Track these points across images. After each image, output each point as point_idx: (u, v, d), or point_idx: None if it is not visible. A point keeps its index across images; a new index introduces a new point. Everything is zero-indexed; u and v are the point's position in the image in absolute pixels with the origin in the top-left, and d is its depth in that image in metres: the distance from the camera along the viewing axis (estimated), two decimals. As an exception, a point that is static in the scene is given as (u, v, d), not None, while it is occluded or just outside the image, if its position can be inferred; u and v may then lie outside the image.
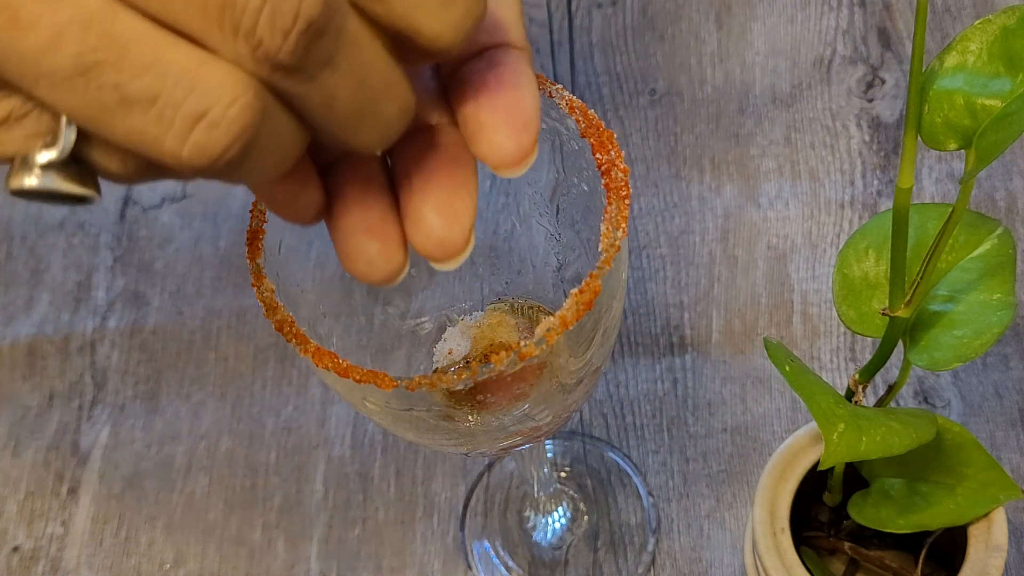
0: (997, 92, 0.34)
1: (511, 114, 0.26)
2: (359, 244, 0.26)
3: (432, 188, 0.26)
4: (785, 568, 0.41)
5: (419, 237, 0.26)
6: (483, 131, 0.26)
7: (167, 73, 0.20)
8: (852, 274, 0.40)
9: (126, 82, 0.20)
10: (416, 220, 0.26)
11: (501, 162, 0.26)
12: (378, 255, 0.26)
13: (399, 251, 0.26)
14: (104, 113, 0.21)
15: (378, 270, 0.26)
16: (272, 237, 0.32)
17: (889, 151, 0.63)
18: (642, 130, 0.66)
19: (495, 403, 0.33)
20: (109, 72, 0.20)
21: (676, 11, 0.70)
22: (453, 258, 0.26)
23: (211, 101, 0.21)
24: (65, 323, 0.64)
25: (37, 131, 0.22)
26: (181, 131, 0.21)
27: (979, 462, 0.41)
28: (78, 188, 0.22)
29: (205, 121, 0.21)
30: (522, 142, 0.26)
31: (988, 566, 0.40)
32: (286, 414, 0.59)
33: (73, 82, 0.20)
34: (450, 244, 0.26)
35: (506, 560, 0.55)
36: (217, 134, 0.21)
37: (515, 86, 0.26)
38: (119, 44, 0.20)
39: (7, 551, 0.57)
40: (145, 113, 0.21)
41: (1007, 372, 0.56)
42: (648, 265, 0.61)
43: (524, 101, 0.26)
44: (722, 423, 0.56)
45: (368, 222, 0.26)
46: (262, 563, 0.55)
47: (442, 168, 0.27)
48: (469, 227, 0.26)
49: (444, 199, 0.26)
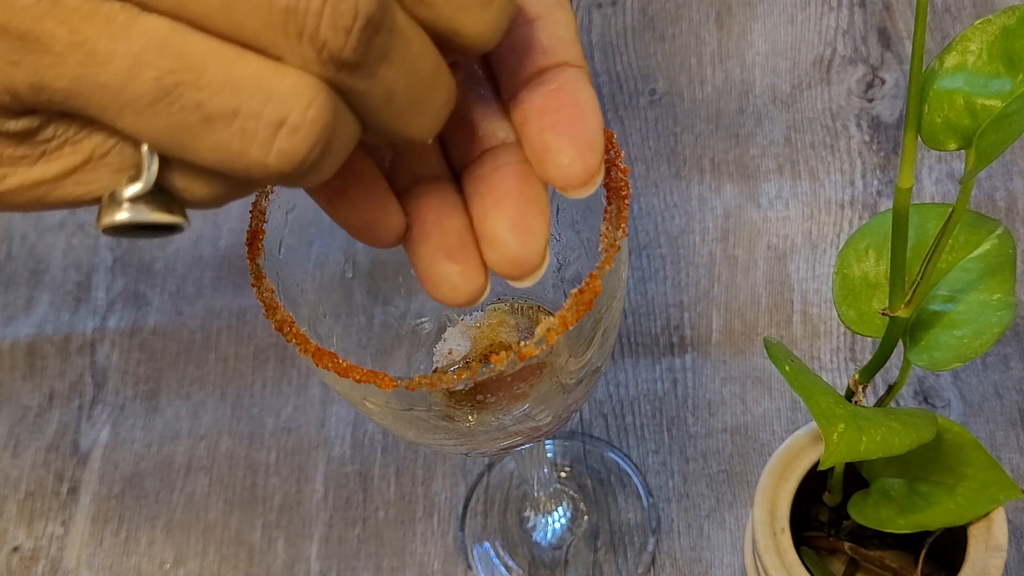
0: (997, 92, 0.34)
1: (575, 134, 0.26)
2: (441, 269, 0.27)
3: (505, 207, 0.27)
4: (785, 568, 0.41)
5: (495, 256, 0.26)
6: (549, 153, 0.26)
7: (243, 86, 0.21)
8: (852, 274, 0.40)
9: (206, 100, 0.21)
10: (491, 240, 0.27)
11: (569, 183, 0.26)
12: (460, 279, 0.27)
13: (480, 273, 0.27)
14: (188, 134, 0.21)
15: (461, 294, 0.27)
16: (272, 237, 0.32)
17: (889, 151, 0.63)
18: (642, 130, 0.66)
19: (495, 403, 0.33)
20: (189, 92, 0.21)
21: (676, 11, 0.70)
22: (530, 275, 0.27)
23: (289, 107, 0.21)
24: (65, 323, 0.64)
25: (121, 166, 0.22)
26: (265, 141, 0.21)
27: (979, 462, 0.41)
28: (167, 216, 0.23)
29: (286, 127, 0.21)
30: (589, 162, 0.26)
31: (988, 566, 0.40)
32: (286, 414, 0.59)
33: (156, 107, 0.21)
34: (526, 262, 0.26)
35: (506, 560, 0.55)
36: (299, 138, 0.21)
37: (577, 105, 0.26)
38: (194, 64, 0.21)
39: (7, 551, 0.57)
40: (228, 128, 0.21)
41: (1007, 372, 0.56)
42: (648, 265, 0.61)
43: (587, 120, 0.26)
44: (722, 423, 0.56)
45: (448, 246, 0.27)
46: (262, 563, 0.55)
47: (512, 187, 0.27)
48: (544, 243, 0.27)
49: (517, 217, 0.27)
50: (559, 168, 0.26)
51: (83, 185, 0.23)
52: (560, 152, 0.26)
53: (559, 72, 0.27)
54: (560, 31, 0.28)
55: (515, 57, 0.27)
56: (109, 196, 0.23)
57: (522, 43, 0.27)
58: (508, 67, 0.28)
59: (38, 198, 0.23)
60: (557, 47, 0.27)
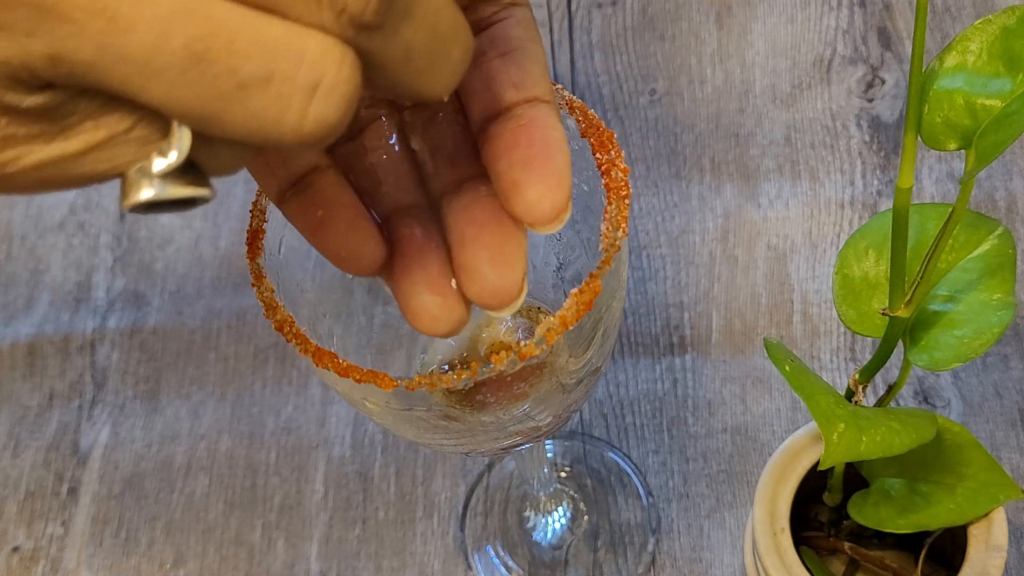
0: (997, 92, 0.34)
1: (543, 171, 0.26)
2: (422, 301, 0.27)
3: (482, 239, 0.27)
4: (785, 568, 0.41)
5: (474, 288, 0.27)
6: (517, 189, 0.26)
7: (275, 49, 0.20)
8: (852, 274, 0.40)
9: (239, 65, 0.20)
10: (469, 272, 0.27)
11: (537, 220, 0.26)
12: (441, 311, 0.27)
13: (460, 304, 0.27)
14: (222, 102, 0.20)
15: (442, 324, 0.27)
16: (272, 237, 0.32)
17: (889, 151, 0.63)
18: (642, 130, 0.66)
19: (495, 403, 0.33)
20: (221, 57, 0.20)
21: (676, 11, 0.70)
22: (507, 306, 0.27)
23: (322, 68, 0.20)
24: (65, 323, 0.64)
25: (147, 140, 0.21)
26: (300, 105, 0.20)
27: (979, 462, 0.41)
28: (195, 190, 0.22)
29: (321, 90, 0.20)
30: (556, 199, 0.26)
31: (988, 566, 0.40)
32: (286, 414, 0.59)
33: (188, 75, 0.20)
34: (504, 293, 0.27)
35: (506, 560, 0.55)
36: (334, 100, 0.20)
37: (546, 142, 0.27)
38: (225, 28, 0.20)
39: (7, 551, 0.57)
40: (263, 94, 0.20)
41: (1007, 372, 0.56)
42: (648, 265, 0.61)
43: (555, 157, 0.26)
44: (722, 423, 0.56)
45: (429, 279, 0.27)
46: (262, 563, 0.55)
47: (490, 219, 0.27)
48: (522, 275, 0.27)
49: (495, 249, 0.27)
50: (527, 204, 0.26)
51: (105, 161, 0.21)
52: (528, 188, 0.26)
53: (529, 107, 0.27)
54: (530, 66, 0.28)
55: (486, 92, 0.28)
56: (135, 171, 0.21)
57: (493, 77, 0.28)
58: (479, 100, 0.28)
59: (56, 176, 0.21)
60: (527, 83, 0.27)
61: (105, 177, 0.22)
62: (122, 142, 0.21)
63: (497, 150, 0.27)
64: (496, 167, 0.27)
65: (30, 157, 0.21)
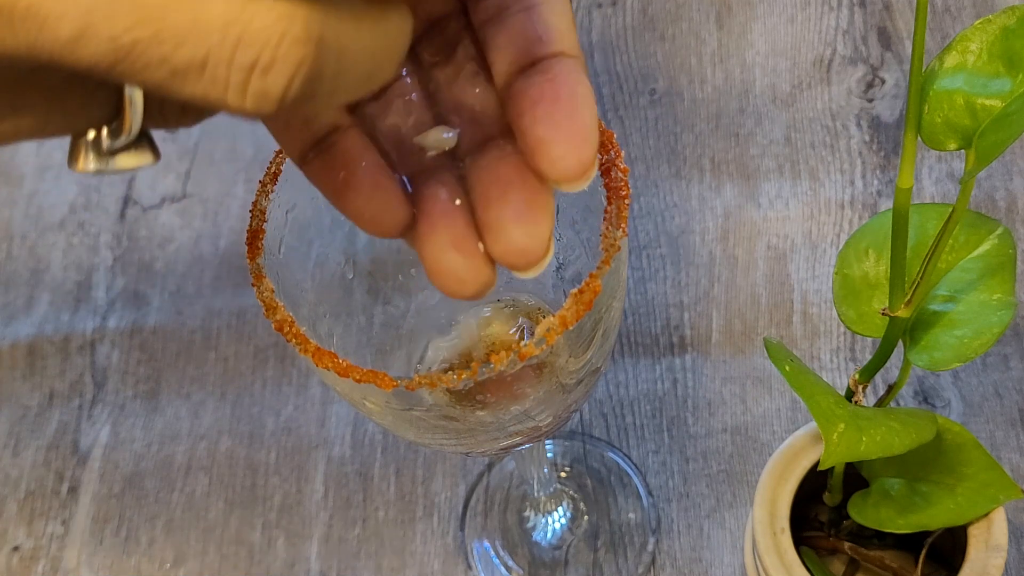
0: (997, 92, 0.34)
1: (570, 128, 0.25)
2: (448, 261, 0.26)
3: (508, 198, 0.26)
4: (785, 568, 0.41)
5: (500, 247, 0.26)
6: (542, 146, 0.25)
7: (209, 31, 0.19)
8: (852, 274, 0.40)
9: (170, 54, 0.19)
10: (495, 231, 0.26)
11: (563, 177, 0.25)
12: (467, 272, 0.26)
13: (486, 266, 0.26)
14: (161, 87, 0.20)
15: (468, 286, 0.26)
16: (272, 237, 0.32)
17: (889, 151, 0.63)
18: (642, 130, 0.66)
19: (495, 403, 0.33)
20: (150, 48, 0.19)
21: (676, 11, 0.70)
22: (535, 265, 0.26)
23: (259, 47, 0.20)
24: (65, 323, 0.64)
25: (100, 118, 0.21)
26: (239, 86, 0.20)
27: (979, 462, 0.41)
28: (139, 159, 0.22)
29: (258, 69, 0.20)
30: (583, 156, 0.25)
31: (988, 566, 0.40)
32: (286, 414, 0.59)
33: (118, 67, 0.19)
34: (531, 252, 0.26)
35: (506, 560, 0.55)
36: (273, 78, 0.20)
37: (572, 98, 0.26)
38: (152, 15, 0.19)
39: (7, 551, 0.57)
40: (199, 79, 0.20)
41: (1007, 372, 0.56)
42: (648, 265, 0.61)
43: (582, 113, 0.26)
44: (722, 423, 0.56)
45: (455, 238, 0.26)
46: (262, 563, 0.55)
47: (515, 177, 0.26)
48: (548, 233, 0.26)
49: (521, 207, 0.26)
50: (552, 162, 0.25)
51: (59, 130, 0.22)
52: (553, 145, 0.25)
53: (554, 62, 0.26)
54: (556, 20, 0.27)
55: (510, 45, 0.27)
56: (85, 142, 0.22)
57: (518, 31, 0.27)
58: (503, 55, 0.27)
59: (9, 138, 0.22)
60: (553, 36, 0.27)
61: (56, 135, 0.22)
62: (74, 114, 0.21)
63: (521, 106, 0.26)
64: (520, 124, 0.26)
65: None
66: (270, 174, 0.32)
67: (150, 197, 0.67)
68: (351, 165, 0.27)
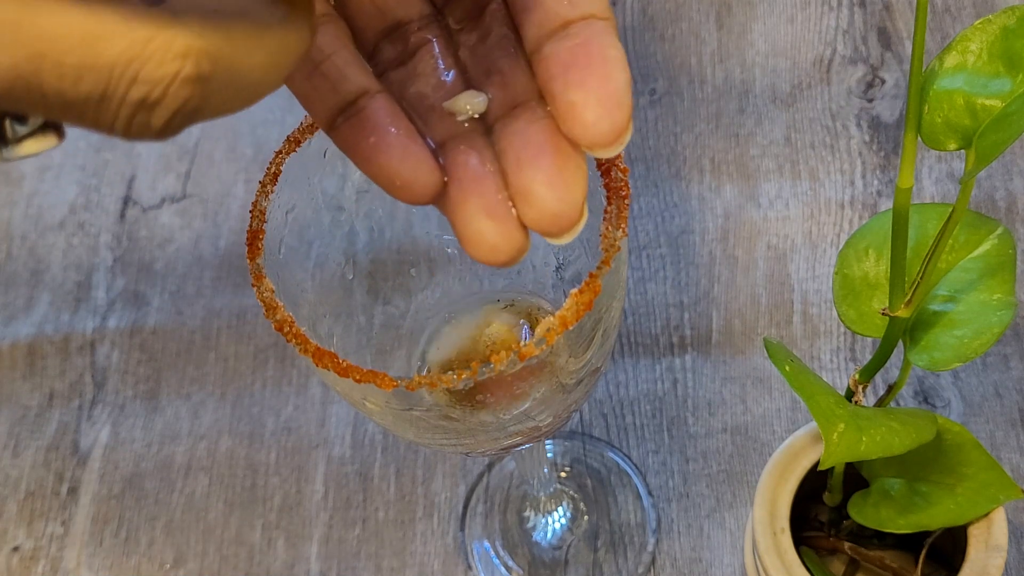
0: (997, 92, 0.34)
1: (602, 92, 0.25)
2: (480, 228, 0.26)
3: (540, 162, 0.26)
4: (785, 568, 0.41)
5: (533, 213, 0.26)
6: (575, 111, 0.25)
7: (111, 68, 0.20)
8: (852, 274, 0.40)
9: (68, 88, 0.20)
10: (527, 196, 0.26)
11: (596, 142, 0.25)
12: (500, 238, 0.26)
13: (519, 231, 0.26)
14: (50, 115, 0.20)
15: (502, 253, 0.26)
16: (272, 237, 0.32)
17: (889, 151, 0.63)
18: (642, 130, 0.66)
19: (495, 403, 0.33)
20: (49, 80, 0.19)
21: (676, 11, 0.70)
22: (568, 231, 0.26)
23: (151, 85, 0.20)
24: (65, 323, 0.64)
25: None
26: (125, 119, 0.20)
27: (979, 462, 0.41)
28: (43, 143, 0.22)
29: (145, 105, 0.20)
30: (616, 120, 0.25)
31: (988, 566, 0.40)
32: (286, 414, 0.59)
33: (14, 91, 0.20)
34: (565, 217, 0.25)
35: (506, 560, 0.55)
36: (158, 113, 0.20)
37: (603, 61, 0.25)
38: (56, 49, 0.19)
39: (7, 551, 0.57)
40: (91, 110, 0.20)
41: (1007, 372, 0.56)
42: (648, 265, 0.61)
43: (614, 76, 0.25)
44: (722, 423, 0.56)
45: (487, 204, 0.26)
46: (262, 563, 0.55)
47: (547, 142, 0.26)
48: (582, 198, 0.26)
49: (554, 172, 0.26)
50: (585, 127, 0.25)
51: None
52: (586, 109, 0.25)
53: (585, 25, 0.26)
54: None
55: (539, 9, 0.27)
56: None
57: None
58: (532, 18, 0.27)
59: None
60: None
61: None
62: None
63: (553, 70, 0.26)
64: (552, 88, 0.26)
65: None
66: (270, 174, 0.32)
67: (150, 197, 0.67)
68: (380, 131, 0.27)
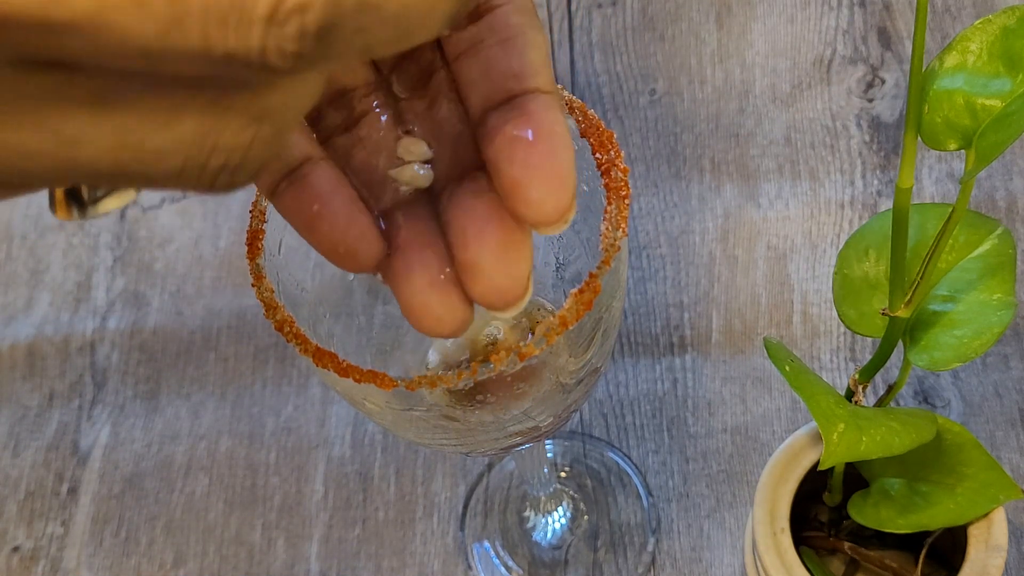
0: (997, 92, 0.34)
1: (546, 170, 0.25)
2: (425, 301, 0.26)
3: (486, 237, 0.26)
4: (785, 568, 0.41)
5: (479, 288, 0.26)
6: (519, 189, 0.25)
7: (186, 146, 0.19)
8: (852, 274, 0.40)
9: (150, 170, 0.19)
10: (473, 271, 0.26)
11: (540, 220, 0.25)
12: (445, 310, 0.26)
13: (464, 304, 0.26)
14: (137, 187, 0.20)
15: (446, 325, 0.26)
16: (272, 237, 0.32)
17: (889, 151, 0.63)
18: (642, 130, 0.66)
19: (495, 403, 0.33)
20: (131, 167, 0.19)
21: (676, 11, 0.70)
22: (513, 306, 0.26)
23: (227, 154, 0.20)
24: (65, 323, 0.64)
25: None
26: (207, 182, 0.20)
27: (979, 462, 0.41)
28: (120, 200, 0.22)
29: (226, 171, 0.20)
30: (560, 200, 0.25)
31: (988, 566, 0.40)
32: (286, 414, 0.59)
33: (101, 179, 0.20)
34: (510, 292, 0.25)
35: (506, 560, 0.55)
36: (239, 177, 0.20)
37: (548, 137, 0.25)
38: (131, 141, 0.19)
39: (7, 551, 0.57)
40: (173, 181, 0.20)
41: (1007, 372, 0.56)
42: (648, 265, 0.61)
43: (559, 154, 0.25)
44: (722, 423, 0.56)
45: (431, 277, 0.26)
46: (262, 563, 0.55)
47: (493, 216, 0.26)
48: (527, 273, 0.25)
49: (499, 248, 0.25)
50: (528, 204, 0.25)
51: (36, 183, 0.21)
52: (530, 188, 0.25)
53: (530, 99, 0.26)
54: (533, 55, 0.26)
55: (485, 81, 0.26)
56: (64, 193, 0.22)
57: (493, 65, 0.26)
58: (478, 90, 0.27)
59: None
60: (528, 72, 0.26)
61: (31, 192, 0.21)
62: None
63: (497, 144, 0.25)
64: (496, 163, 0.25)
65: None
66: (270, 174, 0.32)
67: (150, 197, 0.67)
68: (324, 198, 0.27)
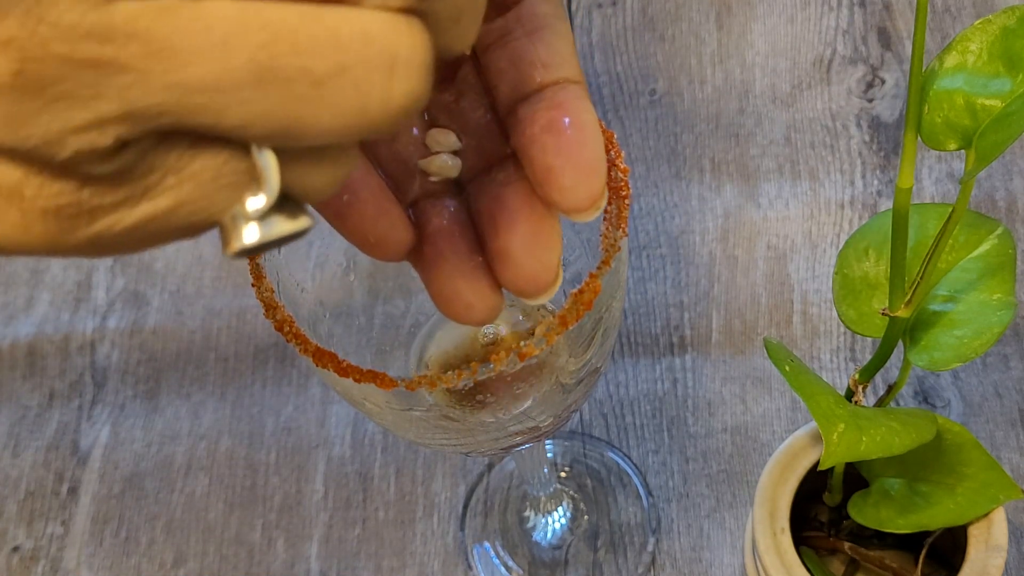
0: (997, 92, 0.34)
1: (578, 158, 0.25)
2: (455, 289, 0.26)
3: (517, 224, 0.26)
4: (785, 568, 0.41)
5: (509, 275, 0.26)
6: (551, 177, 0.25)
7: (341, 37, 0.19)
8: (852, 274, 0.40)
9: (310, 63, 0.19)
10: (504, 259, 0.26)
11: (573, 208, 0.25)
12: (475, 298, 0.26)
13: (494, 291, 0.26)
14: (302, 105, 0.19)
15: (477, 312, 0.26)
16: (272, 237, 0.32)
17: (889, 151, 0.63)
18: (642, 130, 0.66)
19: (495, 403, 0.33)
20: (290, 60, 0.19)
21: (676, 11, 0.70)
22: (544, 292, 0.26)
23: (393, 44, 0.19)
24: (65, 323, 0.64)
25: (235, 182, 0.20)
26: (383, 86, 0.19)
27: (979, 462, 0.41)
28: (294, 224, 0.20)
29: (399, 65, 0.19)
30: (592, 187, 0.25)
31: (988, 566, 0.40)
32: (286, 414, 0.59)
33: (261, 88, 0.19)
34: (541, 279, 0.26)
35: (506, 560, 0.55)
36: (414, 70, 0.19)
37: (579, 127, 0.26)
38: (285, 31, 0.19)
39: (7, 551, 0.57)
40: (341, 85, 0.19)
41: (1007, 372, 0.56)
42: (648, 265, 0.61)
43: (589, 142, 0.26)
44: (722, 423, 0.56)
45: (461, 266, 0.26)
46: (262, 563, 0.55)
47: (522, 204, 0.26)
48: (558, 259, 0.26)
49: (530, 234, 0.26)
50: (562, 192, 0.25)
51: (199, 212, 0.20)
52: (563, 175, 0.25)
53: (559, 90, 0.26)
54: (559, 45, 0.27)
55: (514, 71, 0.27)
56: (231, 218, 0.20)
57: (520, 57, 0.27)
58: (506, 81, 0.27)
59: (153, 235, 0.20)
60: (556, 62, 0.26)
61: (203, 227, 0.21)
62: (211, 188, 0.20)
63: (528, 134, 0.26)
64: (528, 153, 0.26)
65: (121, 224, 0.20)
66: (270, 174, 0.32)
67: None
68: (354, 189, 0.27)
